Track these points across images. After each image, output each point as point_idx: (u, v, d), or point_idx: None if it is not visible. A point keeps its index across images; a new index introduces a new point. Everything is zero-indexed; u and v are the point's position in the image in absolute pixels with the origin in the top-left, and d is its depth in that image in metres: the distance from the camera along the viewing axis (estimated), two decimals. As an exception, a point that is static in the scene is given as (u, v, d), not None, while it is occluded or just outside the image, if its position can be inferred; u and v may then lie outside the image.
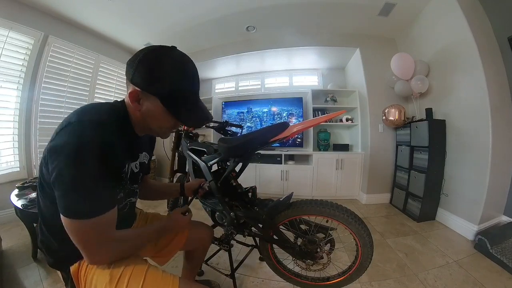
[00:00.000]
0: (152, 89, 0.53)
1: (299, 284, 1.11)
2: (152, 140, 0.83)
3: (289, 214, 0.94)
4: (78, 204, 0.46)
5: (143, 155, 0.74)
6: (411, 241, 1.73)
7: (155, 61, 0.52)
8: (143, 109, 0.56)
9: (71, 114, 0.53)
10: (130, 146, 0.61)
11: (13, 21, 2.03)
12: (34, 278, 1.26)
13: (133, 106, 0.56)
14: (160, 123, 0.59)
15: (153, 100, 0.54)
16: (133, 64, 0.53)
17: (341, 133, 3.34)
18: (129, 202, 0.69)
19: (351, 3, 2.25)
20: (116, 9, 2.31)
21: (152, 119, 0.58)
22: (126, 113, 0.59)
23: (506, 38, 1.75)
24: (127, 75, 0.55)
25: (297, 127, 0.87)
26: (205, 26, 2.66)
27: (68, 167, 0.45)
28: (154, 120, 0.58)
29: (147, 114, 0.56)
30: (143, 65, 0.52)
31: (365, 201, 2.67)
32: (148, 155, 0.78)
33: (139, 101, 0.55)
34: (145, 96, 0.54)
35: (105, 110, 0.55)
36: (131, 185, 0.66)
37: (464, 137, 1.90)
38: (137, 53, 0.54)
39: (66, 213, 0.46)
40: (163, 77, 0.52)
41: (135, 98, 0.54)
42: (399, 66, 2.29)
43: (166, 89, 0.53)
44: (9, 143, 2.13)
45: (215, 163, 1.09)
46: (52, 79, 2.38)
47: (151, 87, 0.53)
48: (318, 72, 3.54)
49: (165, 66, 0.53)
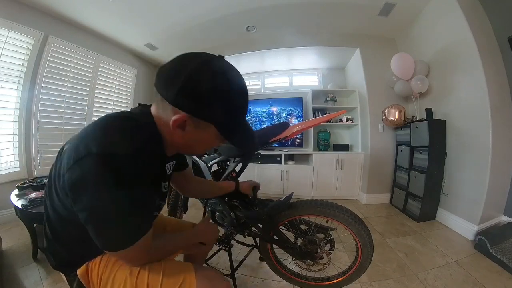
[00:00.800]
0: (206, 114, 0.43)
1: (299, 284, 1.11)
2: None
3: (289, 214, 0.94)
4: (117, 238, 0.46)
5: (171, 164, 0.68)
6: (411, 241, 1.73)
7: (210, 79, 0.41)
8: (186, 135, 0.46)
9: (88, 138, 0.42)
10: (162, 168, 0.60)
11: (13, 21, 2.03)
12: (34, 278, 1.25)
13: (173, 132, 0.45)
14: (207, 147, 0.54)
15: (205, 126, 0.45)
16: (176, 79, 0.41)
17: (341, 133, 3.34)
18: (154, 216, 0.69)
19: (351, 3, 2.25)
20: (116, 9, 2.31)
21: (198, 145, 0.51)
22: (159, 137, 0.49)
23: (506, 38, 1.75)
24: (162, 92, 0.43)
25: (297, 127, 0.87)
26: (205, 26, 2.66)
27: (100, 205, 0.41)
28: (201, 145, 0.52)
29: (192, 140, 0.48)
30: (195, 83, 0.40)
31: (365, 201, 2.67)
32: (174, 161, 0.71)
33: (183, 128, 0.44)
34: (194, 122, 0.44)
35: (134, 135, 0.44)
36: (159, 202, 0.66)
37: (464, 137, 1.90)
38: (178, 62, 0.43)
39: (109, 248, 0.47)
40: (221, 98, 0.42)
41: (180, 125, 0.44)
42: (399, 66, 2.29)
43: (223, 112, 0.44)
44: (9, 143, 2.13)
45: (215, 163, 1.09)
46: (52, 79, 2.38)
47: (205, 112, 0.43)
48: (318, 72, 3.54)
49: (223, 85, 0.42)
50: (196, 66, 0.41)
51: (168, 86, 0.42)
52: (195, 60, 0.43)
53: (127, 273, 0.55)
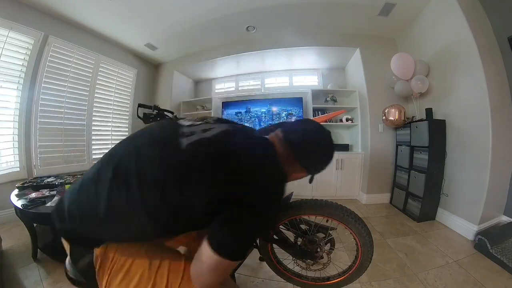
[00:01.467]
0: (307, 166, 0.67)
1: (299, 284, 1.10)
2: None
3: (289, 214, 0.94)
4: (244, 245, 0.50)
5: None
6: (411, 241, 1.73)
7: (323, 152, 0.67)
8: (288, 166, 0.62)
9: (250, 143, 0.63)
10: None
11: (13, 21, 2.03)
12: (34, 278, 1.25)
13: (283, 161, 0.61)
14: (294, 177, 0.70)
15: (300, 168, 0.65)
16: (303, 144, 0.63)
17: (341, 133, 3.34)
18: None
19: (351, 3, 2.25)
20: (116, 9, 2.31)
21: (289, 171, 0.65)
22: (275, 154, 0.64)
23: (506, 38, 1.75)
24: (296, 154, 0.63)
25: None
26: (205, 26, 2.67)
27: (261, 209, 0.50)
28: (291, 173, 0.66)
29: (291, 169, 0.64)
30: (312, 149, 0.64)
31: (365, 201, 2.67)
32: None
33: (290, 165, 0.62)
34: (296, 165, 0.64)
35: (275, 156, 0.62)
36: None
37: (464, 137, 1.90)
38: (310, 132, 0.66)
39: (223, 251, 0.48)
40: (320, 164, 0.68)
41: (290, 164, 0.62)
42: (399, 66, 2.29)
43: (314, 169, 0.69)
44: (9, 143, 2.13)
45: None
46: (52, 79, 2.38)
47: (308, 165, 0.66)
48: (318, 72, 3.54)
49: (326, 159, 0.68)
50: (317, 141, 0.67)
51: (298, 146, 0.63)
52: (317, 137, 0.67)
53: (146, 266, 0.55)
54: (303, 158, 0.63)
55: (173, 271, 0.56)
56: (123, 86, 3.31)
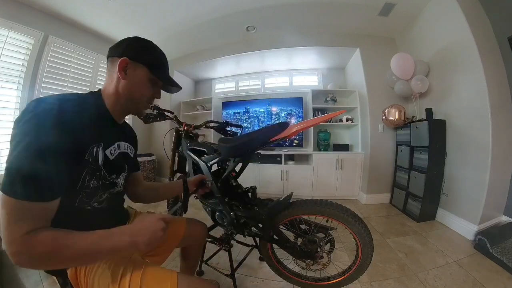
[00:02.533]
0: (142, 58, 0.63)
1: (299, 284, 1.11)
2: (133, 136, 0.82)
3: (289, 214, 0.94)
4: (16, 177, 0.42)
5: (125, 145, 0.71)
6: (411, 241, 1.73)
7: (144, 41, 0.67)
8: (127, 78, 0.61)
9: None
10: (103, 131, 0.60)
11: (13, 21, 2.03)
12: (34, 278, 1.25)
13: (118, 79, 0.61)
14: (143, 90, 0.65)
15: (141, 68, 0.63)
16: (122, 44, 0.64)
17: (341, 133, 3.34)
18: (111, 193, 0.64)
19: (351, 3, 2.25)
20: (116, 9, 2.31)
21: (136, 87, 0.64)
22: (101, 99, 0.63)
23: (506, 38, 1.75)
24: (114, 53, 0.62)
25: (297, 127, 0.87)
26: (205, 26, 2.67)
27: (22, 135, 0.44)
28: (138, 87, 0.64)
29: (131, 82, 0.62)
30: (134, 42, 0.65)
31: (365, 201, 2.67)
32: (132, 147, 0.77)
33: (126, 71, 0.61)
34: (133, 65, 0.62)
35: (74, 94, 0.59)
36: (109, 175, 0.62)
37: (464, 137, 1.90)
38: (122, 40, 0.66)
39: (1, 184, 0.42)
40: (151, 51, 0.66)
41: (123, 67, 0.60)
42: (399, 66, 2.29)
43: (152, 59, 0.66)
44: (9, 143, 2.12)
45: (215, 163, 1.09)
46: (52, 79, 2.38)
47: (142, 57, 0.63)
48: (318, 72, 3.54)
49: (151, 45, 0.67)
50: (135, 37, 0.67)
51: (117, 48, 0.63)
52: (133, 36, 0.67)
53: (109, 281, 0.56)
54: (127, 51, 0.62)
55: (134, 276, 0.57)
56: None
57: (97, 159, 0.57)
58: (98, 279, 0.57)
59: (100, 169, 0.58)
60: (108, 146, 0.62)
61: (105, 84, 0.65)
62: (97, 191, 0.59)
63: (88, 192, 0.56)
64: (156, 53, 0.68)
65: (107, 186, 0.62)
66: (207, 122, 1.52)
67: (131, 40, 0.65)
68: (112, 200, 0.66)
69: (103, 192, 0.61)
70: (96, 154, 0.56)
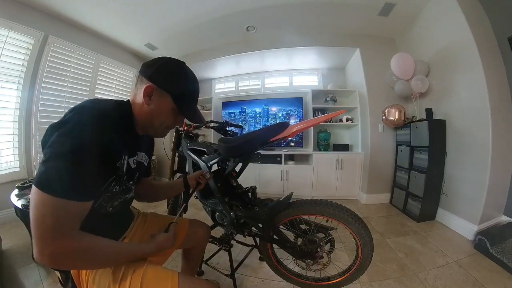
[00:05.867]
0: (168, 87, 0.61)
1: (299, 284, 1.11)
2: (151, 144, 0.85)
3: (289, 214, 0.94)
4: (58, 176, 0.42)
5: (142, 155, 0.75)
6: (411, 241, 1.73)
7: (175, 67, 0.64)
8: (151, 104, 0.61)
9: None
10: (130, 141, 0.63)
11: (13, 21, 2.03)
12: (34, 278, 1.25)
13: (143, 101, 0.60)
14: (164, 119, 0.64)
15: (165, 96, 0.61)
16: (153, 66, 0.61)
17: (341, 133, 3.34)
18: (125, 199, 0.69)
19: (351, 3, 2.25)
20: (116, 9, 2.31)
21: (157, 115, 0.63)
22: (130, 111, 0.64)
23: (506, 38, 1.75)
24: (143, 73, 0.61)
25: (297, 127, 0.87)
26: (205, 26, 2.66)
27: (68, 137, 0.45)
28: (159, 115, 0.63)
29: (154, 109, 0.62)
30: (164, 67, 0.62)
31: (365, 201, 2.67)
32: (147, 157, 0.80)
33: (150, 96, 0.60)
34: (159, 93, 0.60)
35: (111, 103, 0.60)
36: (127, 181, 0.66)
37: (464, 137, 1.90)
38: (156, 59, 0.64)
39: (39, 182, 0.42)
40: (180, 79, 0.63)
41: (149, 93, 0.60)
42: (399, 66, 2.29)
43: (179, 89, 0.63)
44: (9, 143, 2.13)
45: (215, 163, 1.09)
46: (52, 79, 2.38)
47: (168, 86, 0.61)
48: (318, 72, 3.54)
49: (182, 73, 0.64)
50: (168, 60, 0.64)
51: (147, 69, 0.61)
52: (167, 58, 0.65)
53: (110, 279, 0.56)
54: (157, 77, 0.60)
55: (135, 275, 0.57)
56: (123, 86, 3.31)
57: (123, 166, 0.61)
58: (99, 277, 0.58)
59: (123, 175, 0.62)
60: (131, 156, 0.66)
61: (133, 96, 0.65)
62: (117, 195, 0.63)
63: (109, 196, 0.59)
64: (185, 82, 0.64)
65: (125, 192, 0.66)
66: (207, 122, 1.53)
67: (163, 62, 0.63)
68: (124, 205, 0.70)
69: (120, 196, 0.65)
70: (123, 161, 0.60)
